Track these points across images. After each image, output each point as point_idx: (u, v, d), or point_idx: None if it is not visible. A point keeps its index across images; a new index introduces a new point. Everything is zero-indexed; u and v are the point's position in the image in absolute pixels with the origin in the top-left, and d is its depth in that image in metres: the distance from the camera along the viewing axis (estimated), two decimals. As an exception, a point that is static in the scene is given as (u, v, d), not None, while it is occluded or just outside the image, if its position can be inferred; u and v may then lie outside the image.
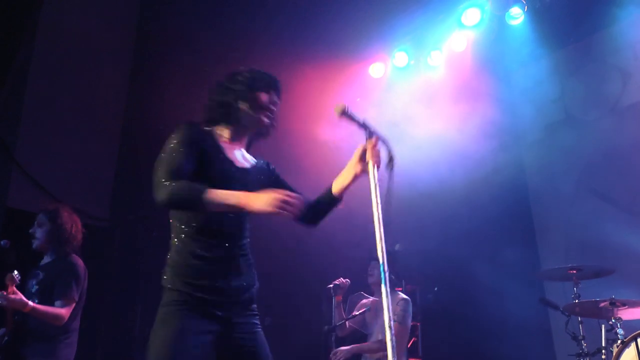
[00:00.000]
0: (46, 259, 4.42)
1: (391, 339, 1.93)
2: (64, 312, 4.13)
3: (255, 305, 2.70)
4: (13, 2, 6.17)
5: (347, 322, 5.10)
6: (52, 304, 4.13)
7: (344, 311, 5.26)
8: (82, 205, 7.41)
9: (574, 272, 4.63)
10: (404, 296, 5.25)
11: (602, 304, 4.32)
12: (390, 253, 5.10)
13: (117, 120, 8.08)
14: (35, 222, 4.43)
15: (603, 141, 6.07)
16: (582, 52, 6.44)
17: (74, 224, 4.48)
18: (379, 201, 2.41)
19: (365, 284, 5.35)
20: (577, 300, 4.58)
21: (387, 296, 2.05)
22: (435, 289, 6.78)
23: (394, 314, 4.99)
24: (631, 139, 5.84)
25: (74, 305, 4.23)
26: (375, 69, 7.37)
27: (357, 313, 4.95)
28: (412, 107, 7.03)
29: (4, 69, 6.16)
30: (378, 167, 2.55)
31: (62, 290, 4.17)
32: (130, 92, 8.19)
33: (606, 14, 6.02)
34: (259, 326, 2.69)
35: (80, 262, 4.38)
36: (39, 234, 4.37)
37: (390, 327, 1.93)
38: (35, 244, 4.38)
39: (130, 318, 7.00)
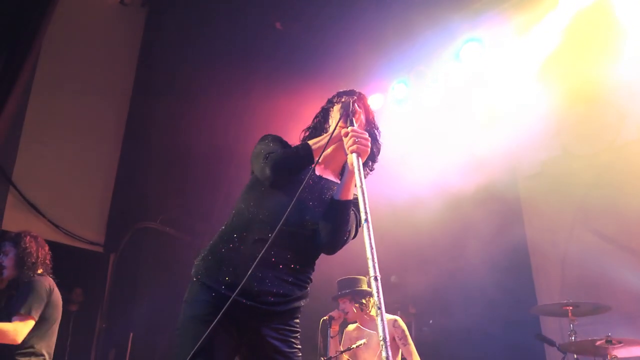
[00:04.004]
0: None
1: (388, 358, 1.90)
2: (16, 327, 3.93)
3: (295, 321, 2.62)
4: (15, 33, 6.23)
5: (342, 355, 5.04)
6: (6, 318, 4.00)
7: (340, 343, 5.22)
8: (78, 230, 7.43)
9: (570, 308, 4.62)
10: (391, 316, 5.16)
11: (598, 342, 4.29)
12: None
13: (115, 146, 8.11)
14: (1, 252, 4.30)
15: (599, 178, 6.08)
16: (580, 89, 6.49)
17: (39, 247, 4.36)
18: (365, 191, 2.25)
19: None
20: (573, 338, 4.55)
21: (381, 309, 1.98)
22: (431, 321, 6.74)
23: (399, 338, 4.94)
24: (627, 176, 5.86)
25: (30, 322, 4.02)
26: (374, 100, 7.41)
27: (354, 346, 4.90)
28: (410, 140, 7.07)
29: (5, 93, 6.19)
30: (359, 156, 2.41)
31: (17, 307, 4.00)
32: (129, 119, 8.23)
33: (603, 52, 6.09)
34: (296, 345, 2.59)
35: (44, 281, 4.20)
36: (6, 262, 4.25)
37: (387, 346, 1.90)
38: (5, 273, 4.25)
39: (123, 344, 6.95)
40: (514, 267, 6.38)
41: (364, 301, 5.12)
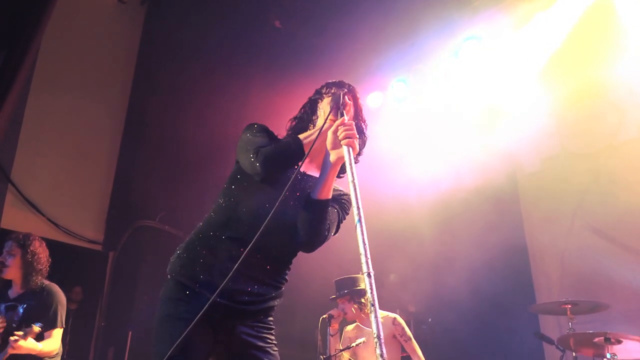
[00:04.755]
0: (17, 289, 4.29)
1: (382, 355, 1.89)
2: (54, 342, 4.10)
3: (270, 319, 2.61)
4: (15, 31, 6.23)
5: (342, 353, 5.05)
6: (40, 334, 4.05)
7: (339, 341, 5.22)
8: (77, 228, 7.42)
9: (568, 306, 4.62)
10: (390, 314, 5.17)
11: (596, 339, 4.29)
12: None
13: (114, 144, 8.10)
14: (5, 250, 4.30)
15: (599, 176, 6.09)
16: (579, 88, 6.50)
17: (44, 253, 4.39)
18: (357, 186, 2.18)
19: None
20: (571, 335, 4.56)
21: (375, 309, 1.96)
22: (430, 319, 6.75)
23: (399, 335, 4.96)
24: (626, 174, 5.86)
25: (61, 330, 4.20)
26: (373, 99, 7.39)
27: (354, 344, 4.90)
28: (409, 138, 7.08)
29: (4, 91, 6.19)
30: (352, 148, 2.31)
31: (52, 320, 4.12)
32: (128, 116, 8.23)
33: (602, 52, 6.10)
34: (271, 340, 2.58)
35: (60, 290, 4.31)
36: (10, 262, 4.24)
37: (381, 343, 1.89)
38: (5, 272, 4.25)
39: (122, 342, 6.94)
40: (512, 265, 6.39)
41: (363, 300, 5.13)
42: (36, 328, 3.89)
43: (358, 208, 2.14)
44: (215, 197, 2.69)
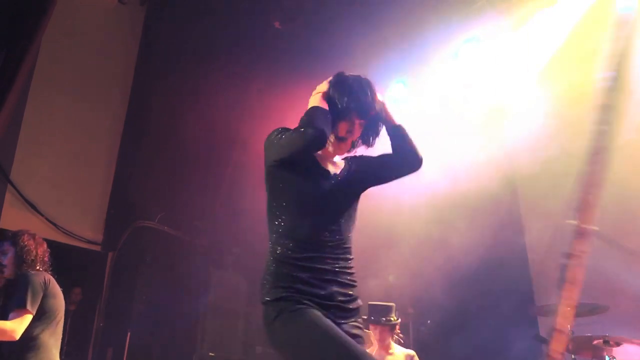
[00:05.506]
0: None
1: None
2: (13, 324, 3.89)
3: (360, 320, 2.73)
4: (14, 31, 6.23)
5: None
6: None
7: None
8: (76, 229, 7.43)
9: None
10: (409, 351, 5.15)
11: (595, 342, 4.29)
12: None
13: (113, 144, 8.11)
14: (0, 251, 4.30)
15: (598, 177, 6.07)
16: (579, 88, 6.49)
17: (37, 244, 4.34)
18: None
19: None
20: (570, 337, 4.55)
21: None
22: (428, 321, 6.74)
23: None
24: (626, 175, 5.84)
25: (27, 316, 3.96)
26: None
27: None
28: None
29: (4, 90, 6.19)
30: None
31: (12, 303, 3.99)
32: (128, 117, 8.23)
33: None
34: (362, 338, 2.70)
35: (39, 274, 4.17)
36: (6, 261, 4.24)
37: None
38: (5, 272, 4.23)
39: (120, 343, 6.95)
40: (511, 267, 6.37)
41: (397, 331, 5.19)
42: None
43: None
44: (217, 196, 2.79)
